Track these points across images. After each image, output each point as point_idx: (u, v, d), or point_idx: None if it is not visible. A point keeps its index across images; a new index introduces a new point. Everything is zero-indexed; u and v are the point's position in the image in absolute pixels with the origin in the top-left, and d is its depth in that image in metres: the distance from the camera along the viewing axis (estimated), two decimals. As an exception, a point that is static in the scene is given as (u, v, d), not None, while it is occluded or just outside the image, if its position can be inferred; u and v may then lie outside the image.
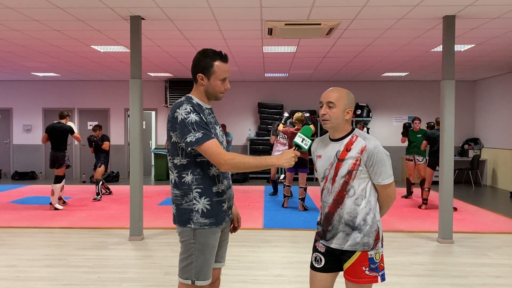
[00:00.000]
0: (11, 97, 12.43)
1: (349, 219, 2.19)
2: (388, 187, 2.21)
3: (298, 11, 5.35)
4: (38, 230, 6.04)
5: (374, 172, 2.17)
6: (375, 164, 2.15)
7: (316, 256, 2.31)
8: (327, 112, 2.20)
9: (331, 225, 2.24)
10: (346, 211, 2.19)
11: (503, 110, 10.55)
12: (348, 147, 2.20)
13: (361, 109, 11.87)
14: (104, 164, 8.56)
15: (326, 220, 2.26)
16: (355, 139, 2.21)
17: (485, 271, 4.42)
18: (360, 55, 8.23)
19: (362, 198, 2.19)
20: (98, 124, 8.79)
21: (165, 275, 4.24)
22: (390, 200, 2.25)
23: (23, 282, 4.02)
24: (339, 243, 2.21)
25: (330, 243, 2.25)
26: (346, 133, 2.24)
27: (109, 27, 6.12)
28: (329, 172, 2.24)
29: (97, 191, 8.52)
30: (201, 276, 2.23)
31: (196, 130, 2.13)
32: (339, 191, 2.21)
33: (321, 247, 2.30)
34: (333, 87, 2.28)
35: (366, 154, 2.15)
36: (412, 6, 5.11)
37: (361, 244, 2.18)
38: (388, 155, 2.21)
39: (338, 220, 2.21)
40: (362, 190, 2.19)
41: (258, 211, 7.39)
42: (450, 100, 5.50)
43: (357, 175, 2.17)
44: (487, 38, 6.75)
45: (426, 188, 7.85)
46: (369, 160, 2.15)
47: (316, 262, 2.31)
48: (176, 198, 2.27)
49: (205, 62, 2.23)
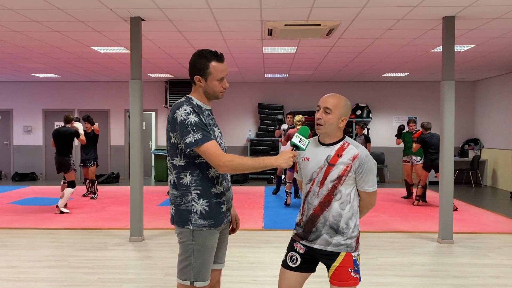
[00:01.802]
0: (12, 98, 12.44)
1: (333, 222, 2.24)
2: (372, 194, 2.29)
3: (298, 12, 5.35)
4: (38, 231, 6.04)
5: (362, 180, 2.24)
6: (364, 172, 2.23)
7: (292, 256, 2.34)
8: (323, 117, 2.25)
9: (315, 227, 2.27)
10: (332, 214, 2.24)
11: (503, 110, 10.55)
12: (339, 152, 2.25)
13: (361, 110, 11.86)
14: (95, 162, 8.72)
15: (310, 222, 2.29)
16: (346, 146, 2.27)
17: (485, 271, 4.42)
18: (360, 56, 8.23)
19: (346, 203, 2.25)
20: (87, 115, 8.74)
21: (165, 276, 4.24)
22: (371, 206, 2.35)
23: (24, 283, 4.03)
24: (323, 244, 2.26)
25: (314, 243, 2.28)
26: (338, 140, 2.30)
27: (109, 28, 6.13)
28: (317, 175, 2.27)
29: (93, 190, 8.82)
30: (199, 277, 2.23)
31: (196, 131, 2.13)
32: (326, 195, 2.25)
33: (301, 248, 2.33)
34: (332, 93, 2.31)
35: (358, 162, 2.21)
36: (412, 6, 5.12)
37: (345, 246, 2.24)
38: (376, 165, 2.30)
39: (323, 222, 2.25)
40: (347, 195, 2.25)
41: (258, 212, 7.39)
42: (450, 100, 5.50)
43: (345, 180, 2.23)
44: (487, 39, 6.75)
45: (420, 186, 8.05)
46: (360, 168, 2.22)
47: (291, 261, 2.34)
48: (175, 199, 2.27)
49: (201, 63, 2.23)
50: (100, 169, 12.30)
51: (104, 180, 11.53)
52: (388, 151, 12.14)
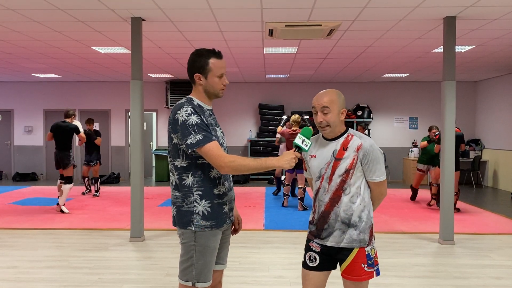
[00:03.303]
0: (12, 98, 12.45)
1: (345, 216, 2.22)
2: (381, 184, 2.26)
3: (299, 12, 5.35)
4: (39, 232, 6.04)
5: (369, 170, 2.22)
6: (370, 162, 2.21)
7: (311, 256, 2.33)
8: (324, 118, 2.23)
9: (327, 223, 2.26)
10: (343, 209, 2.22)
11: (504, 111, 10.54)
12: (344, 146, 2.24)
13: (362, 110, 11.85)
14: (99, 161, 9.10)
15: (322, 219, 2.27)
16: (351, 138, 2.25)
17: (486, 272, 4.42)
18: (361, 56, 8.23)
19: (357, 196, 2.23)
20: (91, 118, 9.04)
21: (166, 276, 4.24)
22: (382, 196, 2.31)
23: (24, 283, 4.03)
24: (336, 241, 2.23)
25: (326, 241, 2.26)
26: (341, 133, 2.28)
27: (110, 29, 6.13)
28: (325, 171, 2.26)
29: (96, 188, 9.11)
30: (201, 278, 2.23)
31: (197, 132, 2.13)
32: (336, 190, 2.23)
33: (316, 246, 2.31)
34: (323, 91, 2.28)
35: (362, 152, 2.20)
36: (413, 7, 5.11)
37: (358, 241, 2.21)
38: (382, 153, 2.27)
39: (335, 218, 2.23)
40: (357, 188, 2.23)
41: (259, 212, 7.39)
42: (451, 101, 5.50)
43: (353, 173, 2.21)
44: (488, 39, 6.75)
45: (436, 184, 7.82)
46: (364, 158, 2.20)
47: (311, 261, 2.32)
48: (177, 200, 2.26)
49: (200, 61, 2.23)
50: (101, 170, 12.30)
51: (104, 180, 11.53)
52: (389, 152, 12.13)
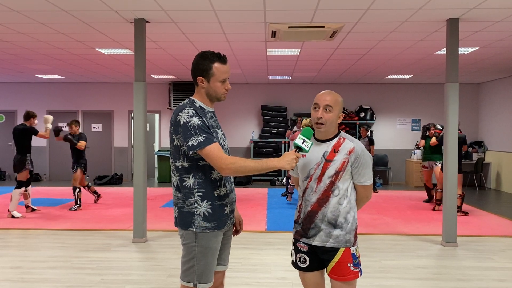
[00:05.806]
0: (16, 99, 12.50)
1: (332, 217, 2.25)
2: (368, 188, 2.31)
3: (302, 14, 5.36)
4: (42, 232, 6.07)
5: (358, 173, 2.26)
6: (360, 166, 2.25)
7: (301, 257, 2.35)
8: (324, 115, 2.24)
9: (314, 223, 2.28)
10: (330, 210, 2.25)
11: (507, 113, 10.50)
12: (336, 148, 2.26)
13: (364, 112, 11.84)
14: (80, 168, 7.65)
15: (308, 218, 2.30)
16: (342, 141, 2.28)
17: (489, 274, 4.40)
18: (364, 58, 8.23)
19: (344, 198, 2.26)
20: (76, 119, 7.80)
21: (169, 277, 4.25)
22: (367, 199, 2.37)
23: (27, 283, 4.04)
24: (322, 241, 2.26)
25: (312, 240, 2.29)
26: (334, 135, 2.31)
27: (113, 30, 6.15)
28: (314, 171, 2.28)
29: (75, 200, 7.64)
30: (203, 279, 2.24)
31: (198, 134, 2.13)
32: (324, 191, 2.25)
33: (304, 246, 2.34)
34: (327, 91, 2.30)
35: (354, 156, 2.23)
36: (416, 9, 5.11)
37: (344, 241, 2.24)
38: (371, 158, 2.31)
39: (321, 218, 2.26)
40: (345, 190, 2.26)
41: (262, 214, 7.39)
42: (454, 103, 5.49)
43: (343, 175, 2.24)
44: (491, 41, 6.74)
45: (440, 189, 7.81)
46: (356, 162, 2.24)
47: (301, 262, 2.35)
48: (178, 201, 2.27)
49: (204, 64, 2.23)
50: (103, 170, 12.35)
51: (107, 181, 11.56)
52: (392, 153, 12.11)
